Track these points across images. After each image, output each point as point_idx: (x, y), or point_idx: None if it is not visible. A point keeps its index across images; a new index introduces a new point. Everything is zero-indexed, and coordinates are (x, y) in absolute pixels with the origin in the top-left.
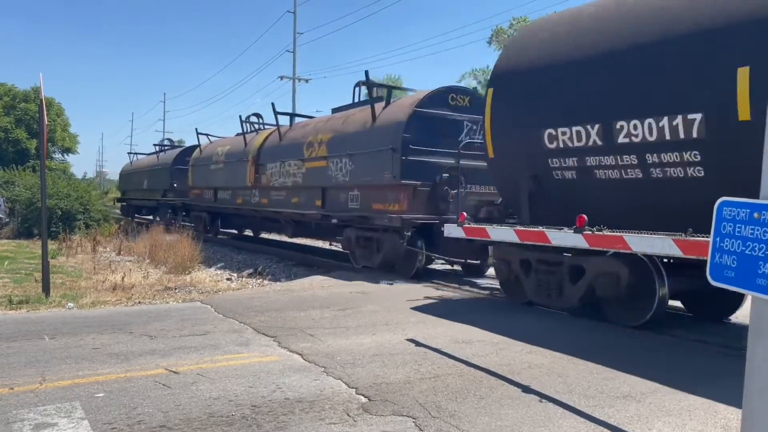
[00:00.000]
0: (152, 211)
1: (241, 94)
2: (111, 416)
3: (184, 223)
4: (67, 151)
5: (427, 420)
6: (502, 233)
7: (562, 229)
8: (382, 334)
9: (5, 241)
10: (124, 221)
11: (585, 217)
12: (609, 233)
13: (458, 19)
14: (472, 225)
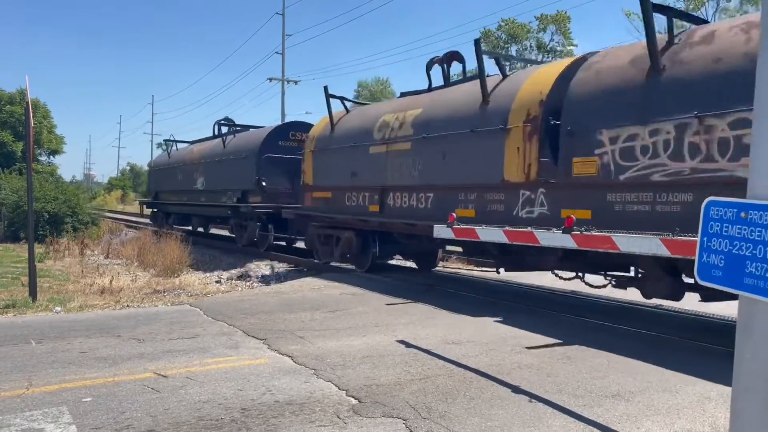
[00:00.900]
0: (207, 221)
1: (230, 96)
2: (99, 421)
3: (301, 245)
4: (54, 152)
5: (418, 421)
6: (491, 234)
7: (551, 230)
8: (372, 336)
9: None
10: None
11: (573, 217)
12: (597, 233)
13: (449, 20)
14: (462, 226)
